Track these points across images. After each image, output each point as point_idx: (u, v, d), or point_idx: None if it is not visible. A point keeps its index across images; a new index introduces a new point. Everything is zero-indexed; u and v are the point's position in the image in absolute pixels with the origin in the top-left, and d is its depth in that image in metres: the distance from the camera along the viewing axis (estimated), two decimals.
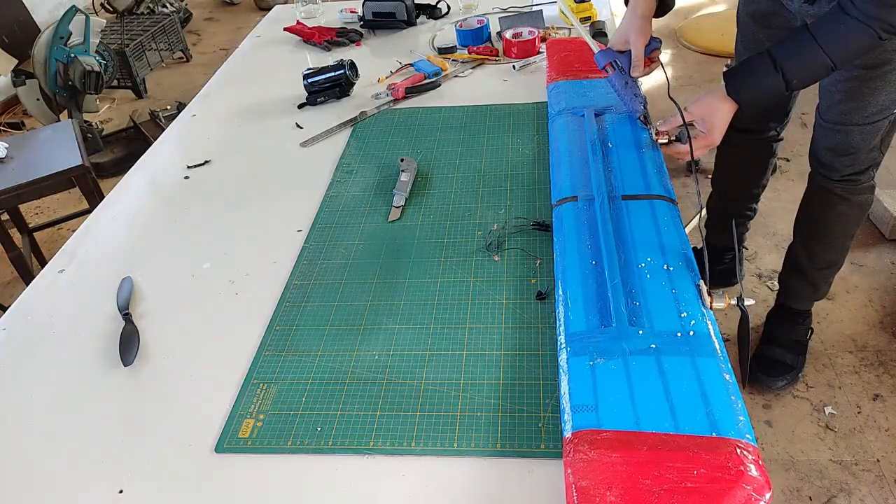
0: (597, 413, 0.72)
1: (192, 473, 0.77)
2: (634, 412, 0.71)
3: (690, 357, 0.76)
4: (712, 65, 3.01)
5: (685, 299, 0.83)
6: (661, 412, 0.71)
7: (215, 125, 1.48)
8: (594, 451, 0.68)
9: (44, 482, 0.79)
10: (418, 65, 1.57)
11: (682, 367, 0.75)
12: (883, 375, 1.67)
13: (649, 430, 0.69)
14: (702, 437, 0.68)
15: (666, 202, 1.00)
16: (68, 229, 2.55)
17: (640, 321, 0.81)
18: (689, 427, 0.69)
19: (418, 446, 0.76)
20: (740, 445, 0.67)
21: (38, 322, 1.02)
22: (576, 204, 1.01)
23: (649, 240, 0.93)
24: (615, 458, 0.67)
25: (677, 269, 0.88)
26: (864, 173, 1.37)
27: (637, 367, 0.76)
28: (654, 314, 0.81)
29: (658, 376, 0.74)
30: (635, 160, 1.09)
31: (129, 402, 0.87)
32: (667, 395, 0.72)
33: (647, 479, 0.65)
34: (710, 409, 0.70)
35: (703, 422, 0.69)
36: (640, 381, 0.74)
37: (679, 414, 0.70)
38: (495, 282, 0.97)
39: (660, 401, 0.72)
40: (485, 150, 1.27)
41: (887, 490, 1.43)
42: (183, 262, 1.10)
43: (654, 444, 0.68)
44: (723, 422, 0.69)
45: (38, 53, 2.77)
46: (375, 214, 1.13)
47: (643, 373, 0.75)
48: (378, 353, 0.88)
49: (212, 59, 4.02)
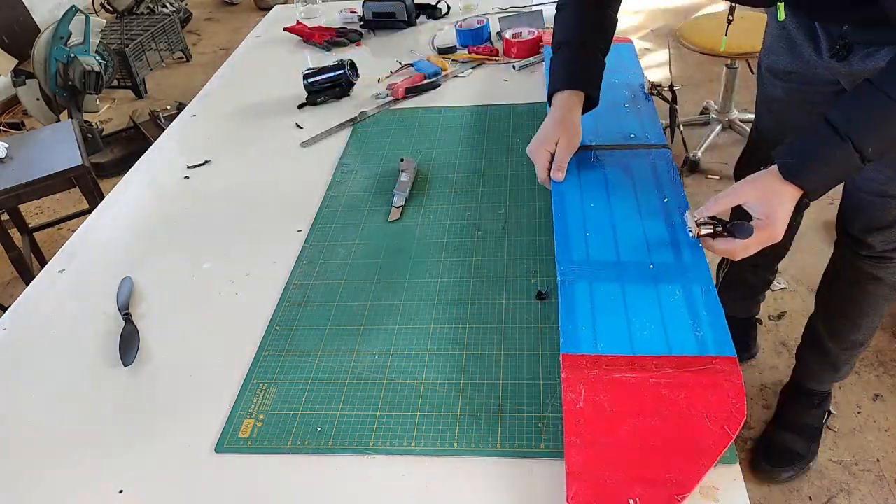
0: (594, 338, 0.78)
1: (192, 473, 0.77)
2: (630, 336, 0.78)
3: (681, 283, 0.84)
4: (712, 65, 3.01)
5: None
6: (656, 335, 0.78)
7: (215, 125, 1.48)
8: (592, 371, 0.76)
9: (44, 482, 0.78)
10: (418, 65, 1.57)
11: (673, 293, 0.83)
12: (883, 375, 1.67)
13: (643, 354, 0.76)
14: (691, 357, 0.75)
15: (661, 150, 1.06)
16: (68, 229, 2.55)
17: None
18: (679, 348, 0.76)
19: (418, 446, 0.76)
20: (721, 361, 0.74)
21: (38, 322, 1.02)
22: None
23: (647, 183, 1.00)
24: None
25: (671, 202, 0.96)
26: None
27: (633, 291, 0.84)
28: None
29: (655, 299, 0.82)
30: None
31: (129, 402, 0.87)
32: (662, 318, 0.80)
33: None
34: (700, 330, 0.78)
35: (691, 342, 0.77)
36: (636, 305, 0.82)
37: (671, 336, 0.78)
38: (495, 282, 0.97)
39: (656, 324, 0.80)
40: (485, 150, 1.27)
41: (887, 490, 1.43)
42: (183, 262, 1.09)
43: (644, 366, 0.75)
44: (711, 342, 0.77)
45: (38, 53, 2.77)
46: (375, 214, 1.13)
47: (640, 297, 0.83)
48: (378, 353, 0.88)
49: (212, 59, 4.02)
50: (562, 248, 0.91)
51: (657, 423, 0.69)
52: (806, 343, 1.44)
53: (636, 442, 0.69)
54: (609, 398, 0.72)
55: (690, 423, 0.69)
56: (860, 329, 1.31)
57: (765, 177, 0.85)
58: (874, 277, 1.22)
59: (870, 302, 1.26)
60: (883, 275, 1.22)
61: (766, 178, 0.85)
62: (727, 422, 0.69)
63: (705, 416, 0.69)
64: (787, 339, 1.78)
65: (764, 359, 1.73)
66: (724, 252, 0.87)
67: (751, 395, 1.64)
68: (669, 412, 0.70)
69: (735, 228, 0.85)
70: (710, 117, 2.67)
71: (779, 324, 1.83)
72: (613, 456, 0.68)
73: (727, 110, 2.61)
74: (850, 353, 1.37)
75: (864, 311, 1.28)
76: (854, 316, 1.30)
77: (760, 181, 0.85)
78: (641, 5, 3.89)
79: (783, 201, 0.83)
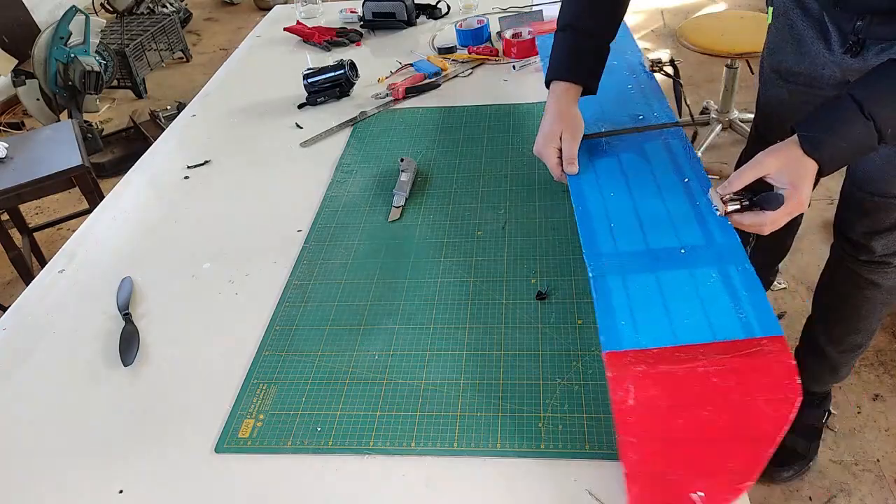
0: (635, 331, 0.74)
1: (192, 473, 0.77)
2: (671, 326, 0.73)
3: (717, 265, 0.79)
4: (712, 65, 3.01)
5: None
6: (698, 323, 0.73)
7: (215, 125, 1.48)
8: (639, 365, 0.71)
9: (44, 482, 0.78)
10: (418, 65, 1.57)
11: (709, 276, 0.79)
12: (883, 375, 1.67)
13: (687, 343, 0.71)
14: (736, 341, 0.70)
15: (673, 128, 1.02)
16: (68, 229, 2.55)
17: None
18: (724, 333, 0.71)
19: (418, 446, 0.76)
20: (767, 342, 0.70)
21: (38, 322, 1.02)
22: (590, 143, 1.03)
23: (664, 164, 0.97)
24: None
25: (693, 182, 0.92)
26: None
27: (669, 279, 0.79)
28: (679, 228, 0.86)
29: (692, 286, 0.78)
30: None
31: (129, 402, 0.87)
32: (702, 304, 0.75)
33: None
34: (743, 312, 0.74)
35: (736, 325, 0.72)
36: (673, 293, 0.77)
37: (714, 321, 0.73)
38: (495, 282, 0.97)
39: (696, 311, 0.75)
40: (485, 150, 1.27)
41: (887, 490, 1.43)
42: (183, 262, 1.10)
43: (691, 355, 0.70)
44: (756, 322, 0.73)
45: (38, 53, 2.77)
46: (375, 214, 1.13)
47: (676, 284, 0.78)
48: (378, 353, 0.88)
49: (212, 59, 4.02)
50: (588, 243, 0.87)
51: (711, 412, 0.66)
52: (804, 346, 1.43)
53: (692, 434, 0.66)
54: (659, 392, 0.69)
55: (745, 409, 0.66)
56: (859, 333, 1.30)
57: (786, 147, 0.83)
58: (872, 283, 1.20)
59: (868, 307, 1.25)
60: (881, 280, 1.20)
61: (788, 149, 0.82)
62: (783, 403, 0.65)
63: (760, 400, 0.66)
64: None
65: None
66: (752, 227, 0.84)
67: None
68: (723, 400, 0.67)
69: (764, 200, 0.82)
70: (710, 117, 2.67)
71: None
72: (671, 451, 0.66)
73: (727, 110, 2.61)
74: (849, 355, 1.35)
75: (862, 316, 1.26)
76: (852, 320, 1.28)
77: (783, 151, 0.82)
78: (641, 5, 3.89)
79: (807, 171, 0.81)
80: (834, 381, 1.45)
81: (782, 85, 1.18)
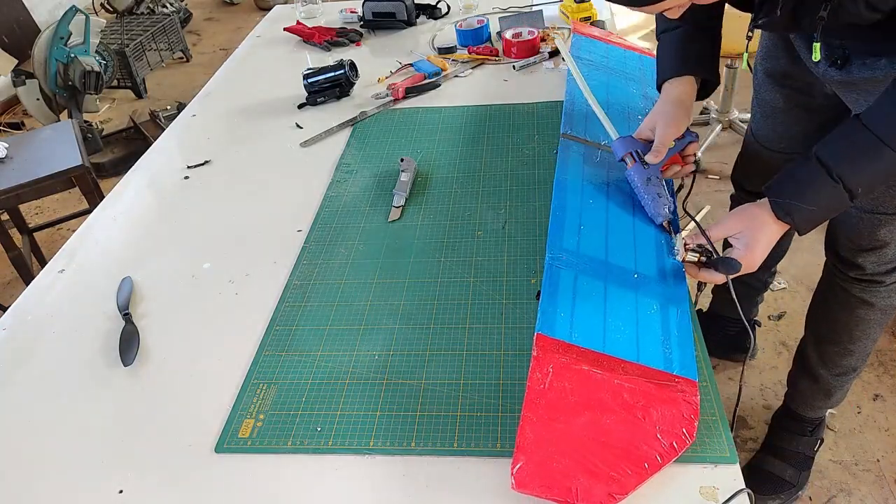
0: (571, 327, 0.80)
1: (192, 473, 0.77)
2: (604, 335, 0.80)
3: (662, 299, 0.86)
4: None
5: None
6: (627, 340, 0.80)
7: (215, 125, 1.48)
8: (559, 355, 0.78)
9: (44, 482, 0.78)
10: (418, 65, 1.57)
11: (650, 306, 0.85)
12: (883, 375, 1.67)
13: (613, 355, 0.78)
14: (656, 370, 0.77)
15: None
16: (68, 229, 2.55)
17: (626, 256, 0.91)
18: (648, 359, 0.78)
19: (418, 446, 0.76)
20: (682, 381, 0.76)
21: (38, 322, 1.02)
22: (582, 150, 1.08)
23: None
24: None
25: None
26: (891, 274, 1.13)
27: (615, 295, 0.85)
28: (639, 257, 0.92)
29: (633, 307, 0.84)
30: None
31: (129, 402, 0.87)
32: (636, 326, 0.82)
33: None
34: (669, 348, 0.80)
35: (659, 356, 0.78)
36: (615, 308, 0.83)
37: (642, 346, 0.80)
38: (495, 282, 0.97)
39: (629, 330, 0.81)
40: (485, 150, 1.27)
41: (887, 490, 1.43)
42: (183, 262, 1.10)
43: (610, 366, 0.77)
44: (677, 361, 0.78)
45: (38, 53, 2.77)
46: (375, 214, 1.13)
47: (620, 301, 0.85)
48: (378, 353, 0.88)
49: (212, 59, 4.02)
50: (555, 234, 0.93)
51: (612, 422, 0.71)
52: (797, 369, 1.38)
53: (589, 434, 0.70)
54: (573, 387, 0.74)
55: (643, 431, 0.71)
56: (853, 355, 1.26)
57: (754, 209, 0.87)
58: (864, 302, 1.17)
59: (861, 327, 1.21)
60: (874, 299, 1.16)
61: (755, 211, 0.87)
62: (676, 438, 0.70)
63: (657, 428, 0.71)
64: (787, 339, 1.78)
65: (764, 359, 1.73)
66: (703, 279, 0.90)
67: (751, 394, 1.64)
68: (626, 415, 0.72)
69: (720, 263, 0.87)
70: (710, 117, 2.67)
71: (779, 324, 1.83)
72: (565, 441, 0.70)
73: (727, 110, 2.61)
74: (843, 378, 1.31)
75: (856, 337, 1.23)
76: (845, 342, 1.25)
77: (749, 213, 0.87)
78: None
79: (767, 234, 0.86)
80: (828, 406, 1.41)
81: (776, 89, 1.18)
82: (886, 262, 1.11)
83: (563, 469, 0.67)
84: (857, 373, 1.31)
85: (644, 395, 0.74)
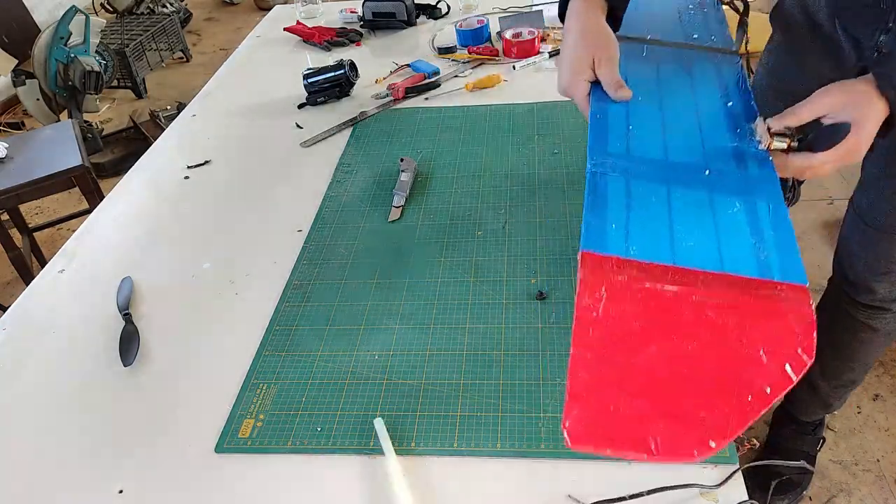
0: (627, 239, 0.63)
1: (192, 473, 0.77)
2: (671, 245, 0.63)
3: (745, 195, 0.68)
4: None
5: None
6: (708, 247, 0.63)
7: (215, 125, 1.48)
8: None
9: (44, 482, 0.79)
10: (418, 65, 1.57)
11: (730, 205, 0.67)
12: (883, 375, 1.67)
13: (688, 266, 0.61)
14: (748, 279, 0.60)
15: (729, 55, 0.89)
16: (68, 229, 2.55)
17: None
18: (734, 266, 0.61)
19: (418, 446, 0.76)
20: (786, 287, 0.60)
21: (38, 322, 1.02)
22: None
23: (709, 84, 0.84)
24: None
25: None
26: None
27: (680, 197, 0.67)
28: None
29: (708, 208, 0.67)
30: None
31: (129, 402, 0.87)
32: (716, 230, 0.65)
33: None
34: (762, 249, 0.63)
35: (751, 262, 0.62)
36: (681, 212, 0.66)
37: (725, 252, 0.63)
38: (495, 282, 0.97)
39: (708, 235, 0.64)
40: (485, 150, 1.27)
41: (887, 490, 1.43)
42: (183, 262, 1.10)
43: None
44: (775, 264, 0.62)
45: (38, 53, 2.77)
46: (375, 214, 1.13)
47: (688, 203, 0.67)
48: (378, 353, 0.88)
49: (212, 59, 4.02)
50: (596, 139, 0.74)
51: (696, 349, 0.56)
52: None
53: (664, 367, 0.55)
54: (637, 311, 0.58)
55: (740, 356, 0.55)
56: (853, 370, 1.26)
57: (854, 84, 0.72)
58: (869, 327, 1.15)
59: (864, 349, 1.20)
60: (879, 325, 1.14)
61: (855, 86, 0.72)
62: (791, 360, 0.55)
63: (762, 350, 0.55)
64: None
65: None
66: (797, 169, 0.73)
67: None
68: (714, 339, 0.56)
69: (818, 139, 0.71)
70: None
71: None
72: (632, 379, 0.55)
73: None
74: (842, 390, 1.32)
75: (857, 357, 1.22)
76: (847, 359, 1.24)
77: (851, 85, 0.72)
78: None
79: (875, 112, 0.70)
80: (825, 413, 1.41)
81: (780, 106, 1.15)
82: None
83: (632, 415, 0.53)
84: (856, 385, 1.30)
85: (736, 310, 0.58)
